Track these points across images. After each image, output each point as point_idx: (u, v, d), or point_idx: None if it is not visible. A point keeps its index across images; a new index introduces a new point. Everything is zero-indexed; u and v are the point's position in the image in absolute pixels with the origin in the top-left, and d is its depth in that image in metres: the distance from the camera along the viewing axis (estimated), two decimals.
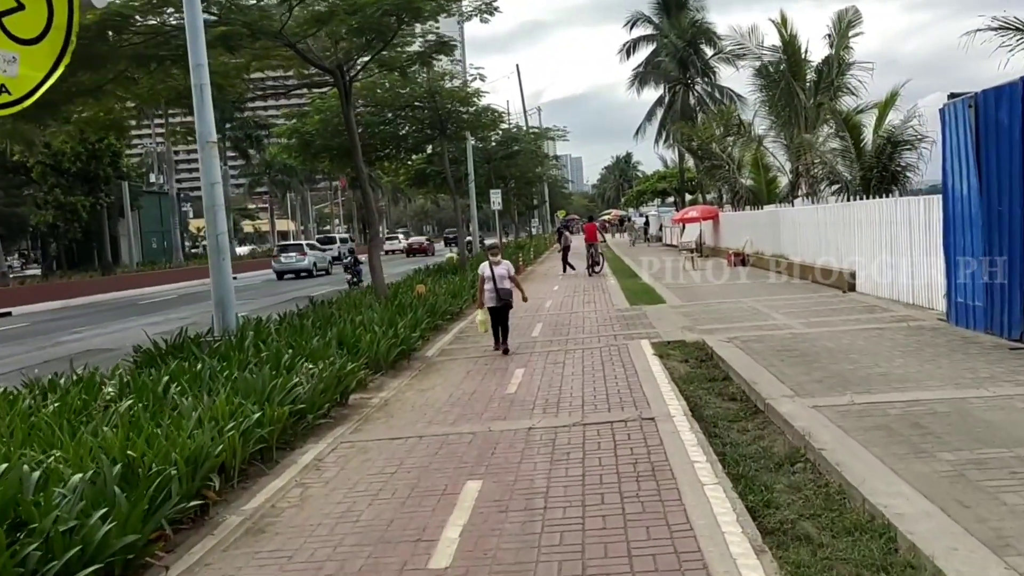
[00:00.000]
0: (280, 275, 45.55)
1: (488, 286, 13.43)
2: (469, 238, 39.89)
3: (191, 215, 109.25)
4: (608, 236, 64.80)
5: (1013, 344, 10.41)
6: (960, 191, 11.99)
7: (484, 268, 13.64)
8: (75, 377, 9.64)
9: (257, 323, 14.04)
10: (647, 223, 65.23)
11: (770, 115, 29.57)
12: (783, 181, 33.38)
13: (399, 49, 22.14)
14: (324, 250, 50.86)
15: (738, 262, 28.77)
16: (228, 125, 64.06)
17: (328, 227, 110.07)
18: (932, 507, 5.26)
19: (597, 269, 29.57)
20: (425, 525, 5.86)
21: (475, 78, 33.61)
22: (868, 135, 22.72)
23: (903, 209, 15.32)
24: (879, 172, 21.31)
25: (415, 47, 21.10)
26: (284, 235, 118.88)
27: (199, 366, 9.98)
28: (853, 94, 26.72)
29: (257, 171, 76.56)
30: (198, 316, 25.57)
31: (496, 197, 33.16)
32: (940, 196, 13.78)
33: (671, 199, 68.97)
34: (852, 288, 17.98)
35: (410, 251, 69.17)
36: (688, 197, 56.73)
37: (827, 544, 5.08)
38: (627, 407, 8.92)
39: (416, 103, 30.56)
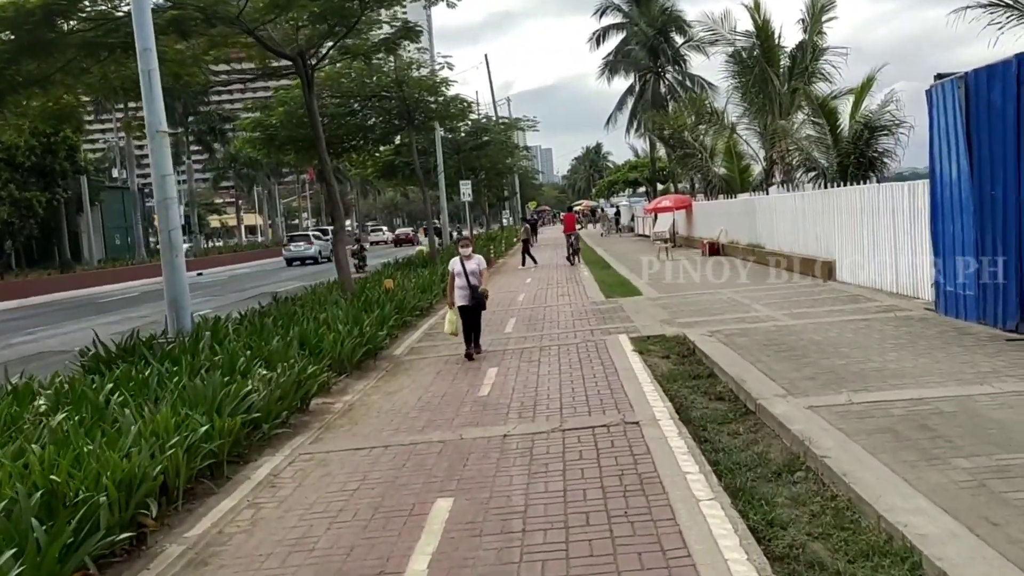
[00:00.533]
0: (289, 262, 49.61)
1: (459, 282, 12.20)
2: (437, 224, 39.41)
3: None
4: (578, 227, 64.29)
5: (1010, 335, 9.94)
6: (949, 176, 11.50)
7: (455, 263, 12.39)
8: (9, 386, 8.87)
9: (215, 323, 13.30)
10: (618, 213, 64.84)
11: (743, 102, 29.07)
12: (756, 169, 32.98)
13: (363, 36, 21.43)
14: (327, 240, 52.95)
15: (712, 252, 28.35)
16: (191, 118, 62.69)
17: (296, 221, 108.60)
18: (957, 525, 4.69)
19: (577, 259, 30.12)
20: (389, 554, 5.20)
21: (443, 67, 32.85)
22: (844, 121, 22.29)
23: (886, 195, 14.86)
24: (856, 158, 20.88)
25: (380, 33, 20.36)
26: (252, 230, 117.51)
27: (148, 372, 9.26)
28: (827, 80, 26.33)
29: (222, 165, 75.05)
30: (158, 315, 24.59)
31: (466, 188, 32.42)
32: (926, 182, 13.33)
33: (642, 189, 68.54)
34: (832, 277, 17.53)
35: (397, 241, 76.78)
36: (660, 187, 56.30)
37: (844, 572, 4.50)
38: (609, 410, 8.32)
39: (383, 93, 29.85)
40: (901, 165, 21.82)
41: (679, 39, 50.08)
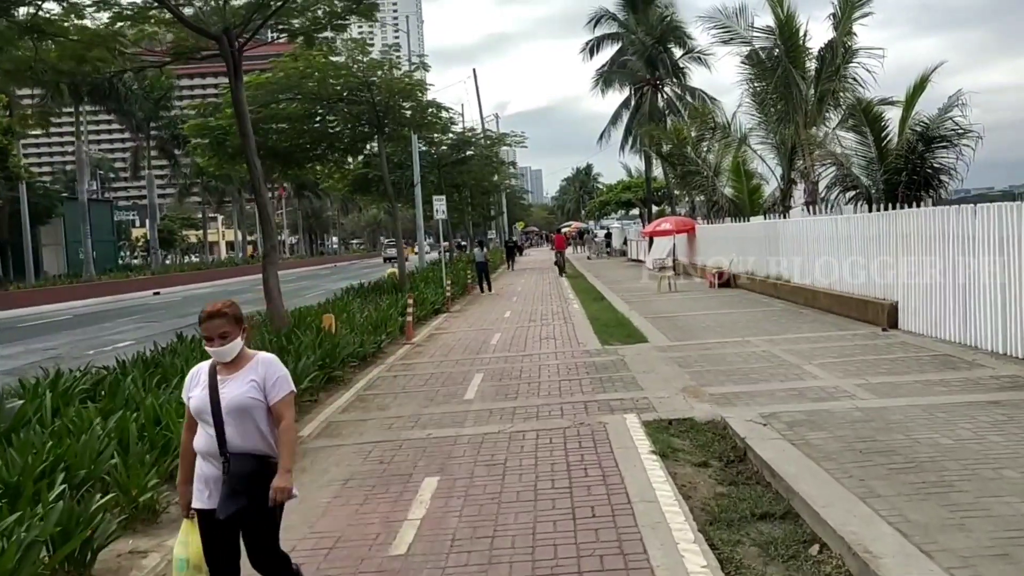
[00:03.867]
0: (385, 260, 70.98)
1: (200, 442, 4.12)
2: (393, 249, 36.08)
3: (137, 223, 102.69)
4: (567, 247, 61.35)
5: None
6: None
7: (193, 380, 4.23)
8: None
9: (42, 387, 9.29)
10: (609, 236, 61.26)
11: (759, 111, 25.18)
12: (768, 190, 29.14)
13: (309, 13, 17.59)
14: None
15: (722, 283, 24.49)
16: (153, 125, 58.44)
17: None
18: None
19: (566, 272, 36.11)
20: None
21: (417, 67, 28.94)
22: (894, 130, 18.47)
23: (988, 219, 10.92)
24: (908, 175, 17.03)
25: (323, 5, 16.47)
26: (232, 246, 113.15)
27: None
28: (860, 86, 22.47)
29: (188, 177, 70.55)
30: (69, 345, 20.93)
31: (439, 204, 28.50)
32: None
33: (635, 211, 64.64)
34: (894, 324, 13.62)
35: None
36: (655, 209, 52.42)
37: None
38: None
39: (350, 96, 26.03)
40: (963, 184, 17.97)
41: (678, 51, 46.57)
